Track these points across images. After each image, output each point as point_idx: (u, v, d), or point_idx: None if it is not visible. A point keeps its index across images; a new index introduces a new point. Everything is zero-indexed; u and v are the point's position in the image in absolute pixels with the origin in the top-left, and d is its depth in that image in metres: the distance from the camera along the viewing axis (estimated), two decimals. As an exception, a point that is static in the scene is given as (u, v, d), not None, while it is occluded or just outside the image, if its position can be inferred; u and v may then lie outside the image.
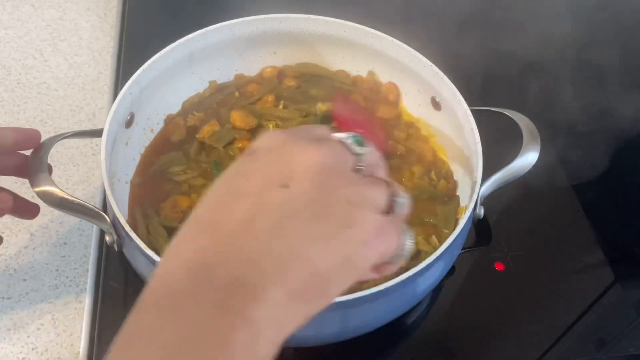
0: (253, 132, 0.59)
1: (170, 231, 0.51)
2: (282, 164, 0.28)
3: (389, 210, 0.31)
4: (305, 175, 0.28)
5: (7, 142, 0.47)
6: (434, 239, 0.53)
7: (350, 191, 0.28)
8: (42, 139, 0.50)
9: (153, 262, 0.42)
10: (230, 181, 0.28)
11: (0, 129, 0.47)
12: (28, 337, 0.51)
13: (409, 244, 0.31)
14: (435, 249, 0.45)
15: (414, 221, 0.54)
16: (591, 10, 0.82)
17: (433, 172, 0.58)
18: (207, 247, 0.26)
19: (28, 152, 0.49)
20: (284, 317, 0.25)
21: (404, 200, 0.32)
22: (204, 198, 0.28)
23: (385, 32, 0.59)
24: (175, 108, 0.61)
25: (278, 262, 0.25)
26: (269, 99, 0.61)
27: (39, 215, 0.52)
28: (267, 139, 0.30)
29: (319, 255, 0.26)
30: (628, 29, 0.82)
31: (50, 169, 0.49)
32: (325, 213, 0.27)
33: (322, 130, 0.32)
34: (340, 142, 0.31)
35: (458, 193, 0.57)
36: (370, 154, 0.32)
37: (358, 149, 0.31)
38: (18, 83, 0.69)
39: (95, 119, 0.66)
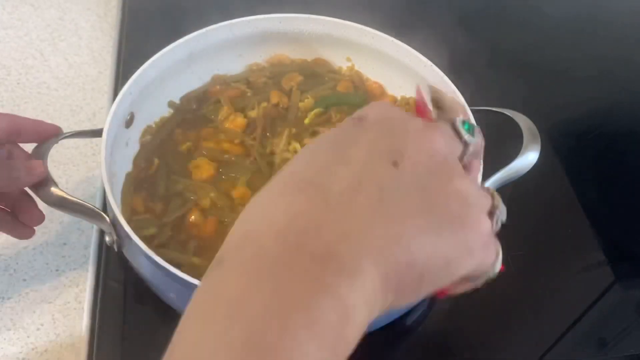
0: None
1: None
2: (393, 139, 0.26)
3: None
4: (418, 158, 0.25)
5: (28, 129, 0.47)
6: None
7: (464, 187, 0.26)
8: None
9: (153, 262, 0.42)
10: (335, 144, 0.26)
11: (23, 119, 0.48)
12: (28, 337, 0.51)
13: (498, 265, 0.28)
14: None
15: None
16: (592, 10, 0.82)
17: None
18: (303, 212, 0.23)
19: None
20: (374, 301, 0.23)
21: (504, 217, 0.28)
22: (301, 156, 0.26)
23: (385, 32, 0.59)
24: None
25: (377, 243, 0.23)
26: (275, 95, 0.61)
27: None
28: (376, 108, 0.27)
29: (422, 247, 0.23)
30: (629, 29, 0.82)
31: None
32: (436, 204, 0.24)
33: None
34: (452, 126, 0.28)
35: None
36: (479, 143, 0.29)
37: (468, 137, 0.28)
38: (18, 83, 0.69)
39: (95, 119, 0.66)
